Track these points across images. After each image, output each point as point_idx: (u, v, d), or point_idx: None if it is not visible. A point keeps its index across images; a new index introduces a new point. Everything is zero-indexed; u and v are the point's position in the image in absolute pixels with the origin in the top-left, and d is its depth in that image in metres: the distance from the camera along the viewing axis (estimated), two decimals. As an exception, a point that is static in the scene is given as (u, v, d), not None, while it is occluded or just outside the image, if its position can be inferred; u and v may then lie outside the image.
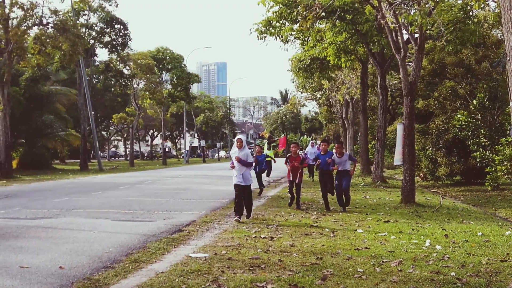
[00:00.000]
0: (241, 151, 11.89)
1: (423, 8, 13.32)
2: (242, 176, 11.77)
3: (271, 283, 6.32)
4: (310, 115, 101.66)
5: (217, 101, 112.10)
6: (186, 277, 6.62)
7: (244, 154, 11.87)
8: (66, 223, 11.35)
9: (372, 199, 17.45)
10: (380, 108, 25.63)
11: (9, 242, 9.04)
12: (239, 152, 11.86)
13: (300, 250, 8.38)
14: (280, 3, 21.83)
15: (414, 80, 15.94)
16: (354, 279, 6.54)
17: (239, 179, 11.79)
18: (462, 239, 9.52)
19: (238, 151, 11.89)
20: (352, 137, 49.95)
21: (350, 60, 25.88)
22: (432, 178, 26.35)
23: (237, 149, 11.92)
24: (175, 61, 62.85)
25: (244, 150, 11.91)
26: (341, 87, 43.54)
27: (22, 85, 40.14)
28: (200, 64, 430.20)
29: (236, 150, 11.93)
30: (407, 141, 15.77)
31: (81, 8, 46.62)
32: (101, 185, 23.48)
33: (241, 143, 11.93)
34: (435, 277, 6.62)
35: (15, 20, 31.07)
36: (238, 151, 11.89)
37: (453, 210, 14.75)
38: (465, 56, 27.20)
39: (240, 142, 11.94)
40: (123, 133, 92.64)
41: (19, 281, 6.45)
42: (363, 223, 11.61)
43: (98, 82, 62.52)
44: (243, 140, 12.03)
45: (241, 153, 11.84)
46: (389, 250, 8.39)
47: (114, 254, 8.05)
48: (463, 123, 22.94)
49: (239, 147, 11.93)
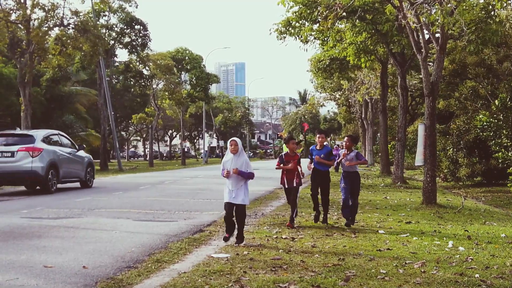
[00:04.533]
0: (237, 158, 9.02)
1: (445, 8, 13.24)
2: (237, 192, 9.05)
3: (294, 283, 6.31)
4: (329, 115, 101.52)
5: (235, 101, 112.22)
6: (208, 277, 6.63)
7: (242, 162, 9.02)
8: (88, 222, 11.42)
9: (393, 199, 17.36)
10: (400, 109, 25.50)
11: (32, 241, 9.11)
12: (234, 160, 9.00)
13: (322, 251, 8.36)
14: (300, 3, 21.78)
15: (436, 80, 15.84)
16: (377, 280, 6.51)
17: (233, 196, 9.07)
18: (485, 240, 9.44)
19: (233, 159, 9.03)
20: (371, 138, 49.77)
21: (370, 60, 25.79)
22: (453, 179, 26.18)
23: (232, 155, 9.05)
24: (194, 61, 63.01)
25: (241, 157, 9.04)
26: (360, 87, 43.42)
27: (43, 86, 40.55)
28: (218, 65, 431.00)
29: (231, 156, 9.06)
30: (428, 142, 15.67)
31: (101, 9, 46.90)
32: (122, 185, 23.60)
33: (236, 147, 9.02)
34: (459, 279, 6.57)
35: (36, 21, 31.32)
36: (233, 158, 9.02)
37: (475, 211, 14.64)
38: (486, 56, 26.96)
39: (234, 145, 9.02)
40: (142, 133, 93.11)
41: (43, 281, 6.50)
42: (384, 224, 11.55)
43: (118, 82, 62.91)
44: (238, 143, 9.10)
45: (238, 161, 9.00)
46: (412, 251, 8.33)
47: (136, 254, 8.08)
48: (484, 123, 22.72)
49: (234, 152, 9.02)
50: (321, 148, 11.50)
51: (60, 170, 20.09)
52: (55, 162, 19.77)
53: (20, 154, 18.83)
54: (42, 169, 18.85)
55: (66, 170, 20.60)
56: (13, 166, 18.74)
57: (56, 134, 21.61)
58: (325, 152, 11.41)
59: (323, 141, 11.61)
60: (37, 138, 19.50)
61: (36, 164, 18.77)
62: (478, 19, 17.54)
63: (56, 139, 21.11)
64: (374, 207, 14.95)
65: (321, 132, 11.88)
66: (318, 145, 11.57)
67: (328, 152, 11.46)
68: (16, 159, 18.81)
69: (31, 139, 19.41)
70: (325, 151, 11.41)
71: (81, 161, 22.09)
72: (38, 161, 18.84)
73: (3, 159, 18.78)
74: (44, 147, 19.43)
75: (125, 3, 48.22)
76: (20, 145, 19.05)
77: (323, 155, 11.34)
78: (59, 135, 21.66)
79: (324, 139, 11.67)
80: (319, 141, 11.57)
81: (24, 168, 18.72)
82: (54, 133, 21.56)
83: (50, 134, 21.06)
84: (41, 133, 20.45)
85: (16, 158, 18.82)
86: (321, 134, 11.71)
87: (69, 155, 21.13)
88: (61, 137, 21.68)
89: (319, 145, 11.54)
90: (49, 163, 19.29)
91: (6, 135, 20.06)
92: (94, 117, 51.58)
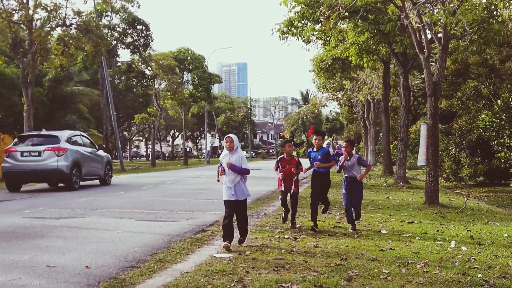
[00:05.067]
0: (232, 155, 8.94)
1: (447, 8, 13.22)
2: (235, 188, 8.90)
3: (296, 283, 6.31)
4: (331, 115, 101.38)
5: (238, 101, 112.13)
6: (211, 277, 6.63)
7: (237, 158, 8.93)
8: (90, 222, 11.44)
9: (395, 199, 17.35)
10: (403, 109, 25.48)
11: (35, 241, 9.13)
12: (230, 156, 8.94)
13: (324, 251, 8.37)
14: (302, 3, 21.79)
15: (438, 80, 15.82)
16: (379, 280, 6.51)
17: (232, 192, 8.90)
18: (487, 240, 9.43)
19: (229, 155, 8.97)
20: (373, 138, 49.70)
21: (372, 60, 25.78)
22: (455, 179, 26.13)
23: (228, 152, 8.98)
24: (197, 61, 63.01)
25: (236, 153, 8.95)
26: (362, 87, 43.39)
27: (45, 86, 40.54)
28: (221, 65, 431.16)
29: (227, 153, 9.00)
30: (430, 142, 15.65)
31: (104, 9, 47.02)
32: (124, 185, 23.63)
33: (232, 144, 8.97)
34: (462, 279, 6.57)
35: (38, 21, 31.34)
36: (229, 155, 8.96)
37: (478, 211, 14.61)
38: (488, 56, 26.92)
39: (230, 142, 8.96)
40: (145, 133, 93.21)
41: (46, 280, 6.52)
42: (386, 224, 11.54)
43: (120, 82, 62.96)
44: (234, 140, 9.04)
45: (232, 157, 8.92)
46: (414, 251, 8.33)
47: (139, 254, 8.09)
48: (487, 123, 22.67)
49: (230, 150, 8.96)
50: (317, 149, 11.01)
51: (83, 168, 21.58)
52: (78, 161, 21.24)
53: (46, 154, 20.29)
54: (66, 168, 20.35)
55: (87, 169, 22.11)
56: (40, 164, 20.19)
57: (78, 135, 23.27)
58: (321, 153, 10.91)
59: (320, 143, 11.03)
60: (62, 139, 20.95)
61: (61, 163, 20.26)
62: (481, 19, 17.54)
63: (78, 139, 22.59)
64: (376, 207, 14.94)
65: (317, 133, 11.20)
66: (315, 147, 11.08)
67: (325, 153, 10.94)
68: (43, 158, 20.27)
69: (56, 139, 20.86)
70: (321, 153, 10.91)
71: (101, 160, 23.63)
72: (63, 160, 20.33)
73: (31, 158, 20.31)
74: (68, 147, 20.88)
75: (127, 3, 48.31)
76: (46, 145, 20.51)
77: (320, 156, 10.86)
78: (80, 136, 23.26)
79: (321, 141, 11.07)
80: (315, 143, 11.05)
81: (51, 167, 20.17)
82: (76, 134, 23.22)
83: (73, 135, 22.67)
84: (65, 134, 22.00)
85: (43, 157, 20.28)
86: (318, 136, 11.07)
87: (90, 154, 22.61)
88: (82, 137, 23.25)
89: (316, 147, 11.04)
90: (73, 162, 20.79)
91: (32, 136, 21.74)
92: (96, 117, 51.63)
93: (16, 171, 20.32)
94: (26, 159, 20.30)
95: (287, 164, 10.77)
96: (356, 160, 10.83)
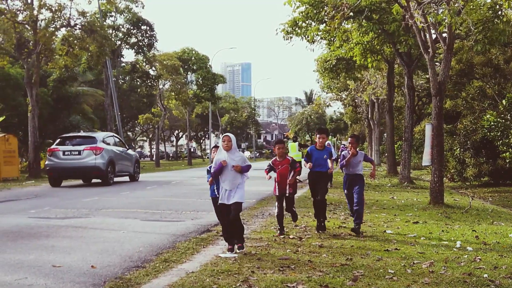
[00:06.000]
0: (232, 155, 8.05)
1: (452, 7, 13.20)
2: (234, 191, 8.06)
3: (302, 283, 6.31)
4: (335, 115, 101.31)
5: (242, 101, 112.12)
6: (216, 277, 6.63)
7: (239, 158, 8.12)
8: (96, 222, 11.47)
9: (400, 200, 17.33)
10: (407, 109, 25.46)
11: (40, 241, 9.15)
12: (229, 157, 8.02)
13: (329, 251, 8.36)
14: (306, 3, 21.75)
15: (443, 80, 15.80)
16: (385, 280, 6.50)
17: (230, 195, 8.07)
18: (493, 240, 9.42)
19: (227, 156, 8.04)
20: (377, 138, 49.68)
21: (377, 60, 25.74)
22: (460, 179, 26.12)
23: (225, 152, 8.05)
24: (201, 61, 63.02)
25: (236, 153, 8.11)
26: (366, 88, 43.38)
27: (50, 86, 40.59)
28: (224, 65, 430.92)
29: (224, 154, 8.05)
30: (435, 142, 15.63)
31: (108, 9, 47.03)
32: (129, 185, 23.66)
33: (230, 143, 8.05)
34: (468, 279, 6.56)
35: (43, 21, 31.44)
36: (227, 155, 8.03)
37: (483, 211, 14.59)
38: (493, 56, 26.90)
39: (228, 141, 8.03)
40: (149, 133, 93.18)
41: (52, 280, 6.53)
42: (391, 224, 11.52)
43: (124, 83, 62.97)
44: (232, 139, 8.13)
45: (234, 157, 8.07)
46: (420, 251, 8.32)
47: (144, 254, 8.10)
48: (492, 123, 22.67)
49: (227, 149, 8.03)
50: (321, 148, 10.13)
51: (116, 166, 23.92)
52: (113, 159, 23.55)
53: (85, 153, 22.64)
54: (103, 165, 22.68)
55: (120, 166, 24.47)
56: (80, 162, 22.62)
57: (111, 136, 26.04)
58: (327, 153, 10.11)
59: (324, 142, 10.19)
60: (98, 139, 23.39)
61: (98, 161, 22.61)
62: (486, 19, 17.49)
63: (111, 140, 25.05)
64: (381, 207, 14.92)
65: (321, 131, 10.36)
66: (318, 145, 10.16)
67: (329, 153, 10.22)
68: (83, 157, 22.64)
69: (93, 140, 23.31)
70: (326, 153, 10.12)
71: (131, 158, 26.11)
72: (100, 158, 22.64)
73: (72, 156, 22.70)
74: (104, 147, 23.16)
75: (131, 3, 48.32)
76: (85, 145, 22.85)
77: (326, 156, 10.06)
78: (113, 137, 25.96)
79: (325, 139, 10.22)
80: (319, 142, 10.14)
81: (89, 164, 22.57)
82: (110, 135, 26.00)
83: (107, 136, 25.36)
84: (101, 134, 25.06)
85: (82, 155, 22.65)
86: (321, 134, 10.21)
87: (121, 153, 24.99)
88: (114, 138, 25.91)
89: (320, 146, 10.13)
90: (108, 160, 23.06)
91: (72, 137, 24.21)
92: (100, 118, 51.58)
93: (59, 168, 22.66)
94: (67, 158, 22.61)
95: (280, 165, 9.89)
96: (363, 157, 10.34)
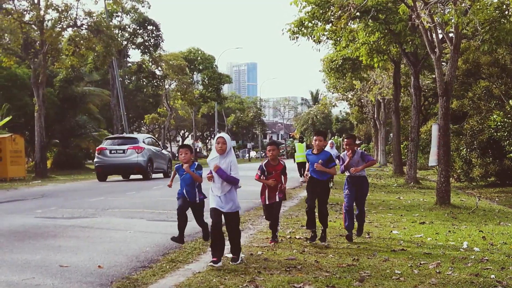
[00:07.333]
0: (223, 158, 7.40)
1: (459, 7, 13.17)
2: (225, 197, 7.44)
3: (308, 284, 6.30)
4: (341, 115, 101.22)
5: (247, 101, 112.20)
6: (223, 277, 6.64)
7: (228, 163, 7.39)
8: (102, 222, 11.48)
9: (406, 200, 17.30)
10: (414, 109, 25.40)
11: (47, 241, 9.17)
12: (219, 160, 7.40)
13: (336, 251, 8.35)
14: (312, 3, 21.73)
15: (450, 80, 15.76)
16: (392, 281, 6.49)
17: (221, 201, 7.47)
18: (500, 241, 9.38)
19: (219, 159, 7.43)
20: (384, 138, 49.60)
21: (383, 60, 25.69)
22: (466, 179, 26.03)
23: (218, 155, 7.43)
24: (207, 61, 63.15)
25: (228, 157, 7.40)
26: (373, 88, 43.35)
27: (56, 86, 40.76)
28: (230, 65, 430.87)
29: (216, 156, 7.45)
30: (442, 142, 15.59)
31: (114, 9, 47.19)
32: (135, 185, 23.66)
33: (224, 146, 7.39)
34: (475, 280, 6.54)
35: (49, 22, 31.55)
36: (219, 158, 7.42)
37: (490, 211, 14.54)
38: (500, 56, 26.82)
39: (222, 144, 7.39)
40: (155, 133, 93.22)
41: (59, 280, 6.55)
42: (398, 224, 11.50)
43: (130, 83, 63.11)
44: (227, 141, 7.46)
45: (223, 161, 7.39)
46: (426, 252, 8.30)
47: (151, 254, 8.11)
48: (498, 123, 22.59)
49: (221, 153, 7.40)
50: (318, 152, 9.10)
51: (154, 163, 26.95)
52: (151, 157, 26.63)
53: (129, 151, 25.75)
54: (144, 162, 25.84)
55: (157, 164, 27.44)
56: (124, 160, 25.79)
57: (149, 137, 29.59)
58: (323, 157, 9.01)
59: (321, 145, 9.12)
60: (140, 140, 26.74)
61: (140, 159, 25.73)
62: (492, 19, 17.43)
63: (150, 140, 28.50)
64: (387, 207, 14.90)
65: (318, 133, 9.26)
66: (315, 149, 9.16)
67: (327, 158, 9.05)
68: (127, 155, 25.76)
69: (135, 140, 26.70)
70: (323, 157, 9.02)
71: (165, 157, 29.17)
72: (141, 156, 25.76)
73: (117, 155, 25.91)
74: (145, 146, 26.29)
75: (137, 3, 48.46)
76: (128, 145, 26.02)
77: (321, 161, 8.95)
78: (151, 138, 29.50)
79: (322, 142, 9.13)
80: (316, 145, 9.11)
81: (133, 161, 25.70)
82: (148, 136, 29.45)
83: (146, 137, 28.90)
84: (141, 136, 28.61)
85: (126, 154, 25.78)
86: (318, 136, 9.15)
87: (158, 152, 28.08)
88: (152, 139, 29.48)
89: (316, 149, 9.13)
90: (148, 158, 26.19)
91: (117, 138, 27.95)
92: (107, 117, 51.73)
93: (106, 165, 25.77)
94: (113, 155, 25.79)
95: (273, 170, 9.00)
96: (360, 157, 9.48)
